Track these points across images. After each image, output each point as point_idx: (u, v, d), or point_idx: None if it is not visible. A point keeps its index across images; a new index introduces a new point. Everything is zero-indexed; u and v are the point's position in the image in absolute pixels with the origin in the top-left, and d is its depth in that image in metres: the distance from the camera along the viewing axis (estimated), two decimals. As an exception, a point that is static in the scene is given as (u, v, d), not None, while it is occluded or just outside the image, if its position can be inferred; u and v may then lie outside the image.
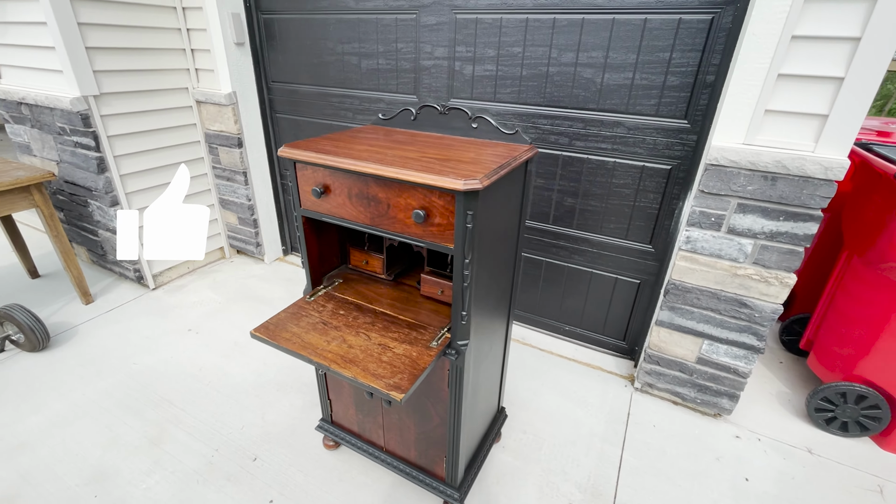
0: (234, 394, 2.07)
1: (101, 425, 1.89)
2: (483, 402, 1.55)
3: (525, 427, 1.95)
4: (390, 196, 1.10)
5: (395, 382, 1.05)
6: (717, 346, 1.86)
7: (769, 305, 1.69)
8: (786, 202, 1.54)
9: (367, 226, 1.17)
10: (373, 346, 1.17)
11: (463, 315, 1.14)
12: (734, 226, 1.65)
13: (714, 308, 1.80)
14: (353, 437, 1.67)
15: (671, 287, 1.86)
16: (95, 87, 2.30)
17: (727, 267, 1.71)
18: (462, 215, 1.01)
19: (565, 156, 2.10)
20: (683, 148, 1.85)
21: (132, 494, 1.62)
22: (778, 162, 1.49)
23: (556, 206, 2.22)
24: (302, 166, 1.21)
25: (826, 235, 2.40)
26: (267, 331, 1.22)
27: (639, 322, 2.25)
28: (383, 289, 1.45)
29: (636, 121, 1.90)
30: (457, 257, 1.07)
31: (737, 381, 1.88)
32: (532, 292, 2.48)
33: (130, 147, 2.52)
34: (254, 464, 1.74)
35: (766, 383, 2.25)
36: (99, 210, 2.61)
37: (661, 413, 2.04)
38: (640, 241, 2.10)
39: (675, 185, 1.92)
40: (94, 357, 2.27)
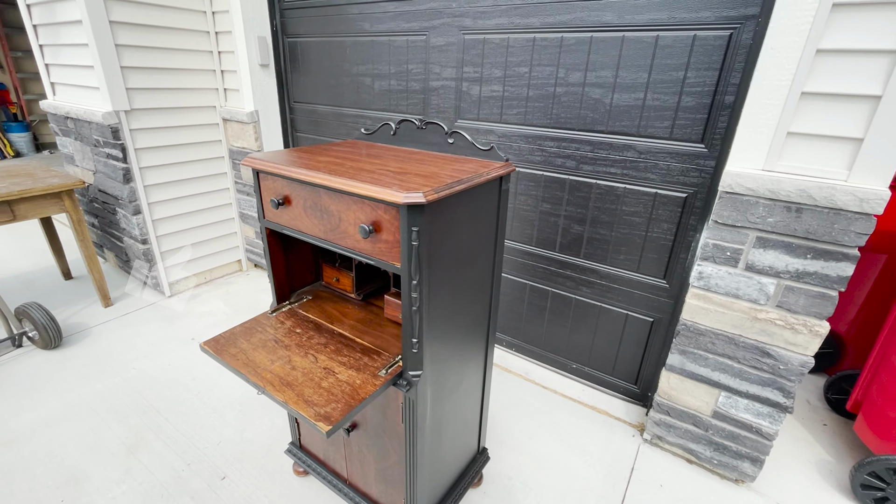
0: (219, 407, 2.04)
1: (87, 428, 1.90)
2: (453, 442, 1.41)
3: (512, 473, 1.77)
4: (341, 209, 1.03)
5: (326, 412, 0.95)
6: (735, 399, 1.62)
7: (797, 357, 1.45)
8: (814, 237, 1.33)
9: (320, 240, 1.11)
10: (316, 370, 1.09)
11: (413, 343, 1.04)
12: (753, 262, 1.45)
13: (731, 355, 1.58)
14: (318, 466, 1.58)
15: (682, 328, 1.65)
16: (127, 102, 2.45)
17: (746, 309, 1.50)
18: (406, 231, 0.92)
19: (572, 180, 1.98)
20: (700, 175, 1.68)
21: (97, 503, 1.59)
22: (802, 191, 1.29)
23: (563, 233, 2.08)
24: (265, 176, 1.18)
25: (884, 280, 2.09)
26: (216, 345, 1.17)
27: (652, 365, 2.02)
28: (350, 309, 1.37)
29: (648, 144, 1.75)
30: (403, 278, 0.97)
31: (760, 442, 1.62)
32: (537, 324, 2.32)
33: (156, 160, 2.65)
34: (221, 483, 1.68)
35: (805, 448, 1.93)
36: (124, 218, 2.74)
37: (671, 471, 1.79)
38: (652, 276, 1.91)
39: (691, 216, 1.74)
40: (98, 358, 2.33)
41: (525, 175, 2.09)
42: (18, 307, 2.30)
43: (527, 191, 2.11)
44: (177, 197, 2.81)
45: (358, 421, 1.33)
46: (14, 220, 2.30)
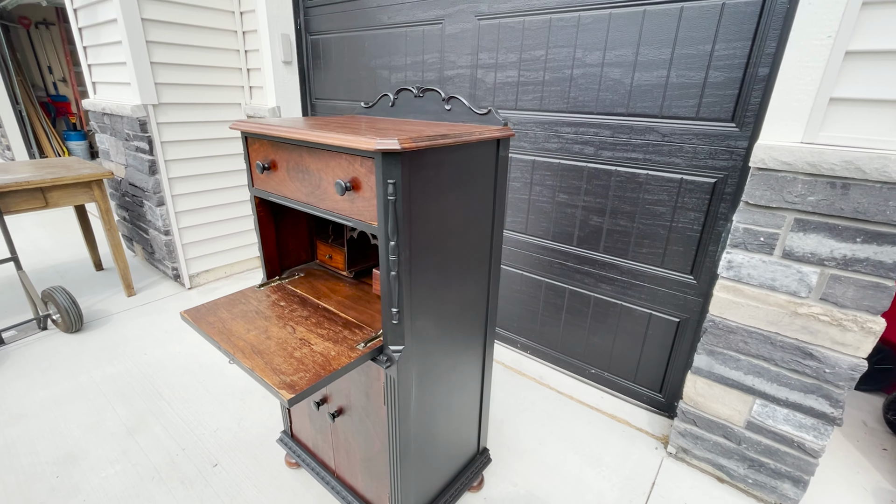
0: (221, 395, 2.01)
1: (93, 408, 1.91)
2: (446, 436, 1.30)
3: (517, 479, 1.62)
4: (321, 167, 0.97)
5: (292, 381, 0.88)
6: (773, 408, 1.42)
7: (846, 358, 1.26)
8: (864, 217, 1.16)
9: (303, 203, 1.05)
10: (292, 340, 1.02)
11: (394, 313, 0.95)
12: (792, 248, 1.28)
13: (767, 357, 1.39)
14: (308, 456, 1.50)
15: (710, 325, 1.48)
16: (155, 96, 2.54)
17: (784, 303, 1.32)
18: (382, 185, 0.85)
19: (591, 168, 1.85)
20: (731, 157, 1.53)
21: (89, 481, 1.57)
22: (848, 163, 1.13)
23: (581, 226, 1.94)
24: (252, 141, 1.15)
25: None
26: (196, 313, 1.12)
27: (679, 371, 1.83)
28: (341, 286, 1.30)
29: (672, 126, 1.62)
30: (380, 238, 0.90)
31: (803, 460, 1.41)
32: (553, 325, 2.17)
33: (180, 153, 2.73)
34: (213, 470, 1.63)
35: (860, 474, 1.68)
36: (150, 210, 2.83)
37: (698, 489, 1.59)
38: (678, 271, 1.74)
39: (721, 203, 1.58)
40: (115, 343, 2.37)
41: (541, 164, 1.99)
42: (45, 290, 2.38)
43: (542, 181, 2.00)
44: (200, 191, 2.88)
45: (344, 406, 1.24)
46: (46, 206, 2.41)
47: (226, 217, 3.05)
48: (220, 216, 3.02)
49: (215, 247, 3.06)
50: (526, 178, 2.05)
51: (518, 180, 2.08)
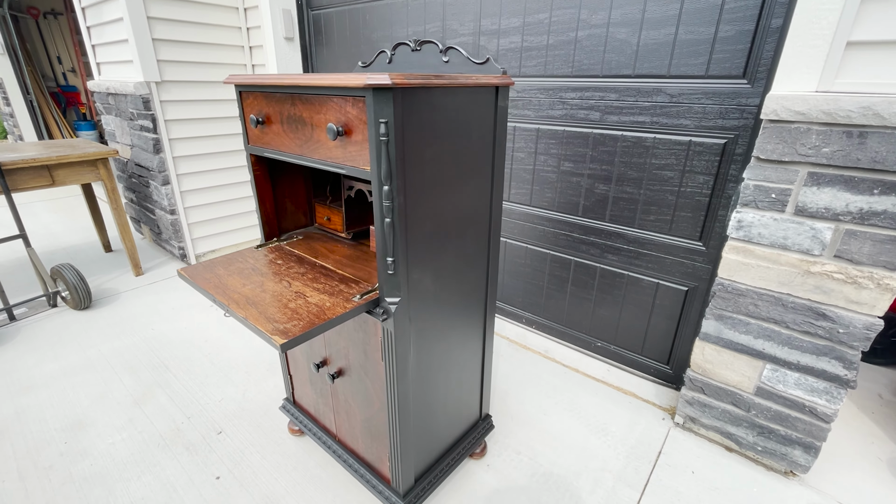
0: (225, 368, 2.02)
1: (100, 379, 1.94)
2: (446, 399, 1.28)
3: (521, 447, 1.61)
4: (312, 114, 0.95)
5: (286, 328, 0.86)
6: (783, 372, 1.38)
7: (860, 318, 1.21)
8: (882, 167, 1.10)
9: (297, 155, 1.03)
10: (287, 293, 1.00)
11: (389, 263, 0.93)
12: (805, 204, 1.23)
13: (778, 319, 1.35)
14: (310, 421, 1.49)
15: (718, 288, 1.44)
16: (158, 74, 2.53)
17: (796, 262, 1.28)
18: (374, 125, 0.82)
19: (596, 134, 1.81)
20: (741, 115, 1.47)
21: (96, 447, 1.59)
22: (866, 109, 1.07)
23: (586, 195, 1.90)
24: (246, 96, 1.13)
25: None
26: (193, 270, 1.12)
27: (687, 342, 1.80)
28: (339, 247, 1.29)
29: (680, 85, 1.56)
30: (374, 182, 0.87)
31: (815, 425, 1.37)
32: (558, 298, 2.14)
33: (184, 132, 2.73)
34: (217, 437, 1.64)
35: (875, 444, 1.64)
36: (156, 189, 2.84)
37: (705, 458, 1.56)
38: (687, 238, 1.70)
39: (731, 165, 1.53)
40: (123, 320, 2.40)
41: (545, 132, 1.94)
42: (53, 267, 2.41)
43: (547, 150, 1.96)
44: (204, 170, 2.88)
45: (343, 367, 1.23)
46: (53, 184, 2.42)
47: (231, 197, 3.06)
48: (226, 196, 3.03)
49: (221, 227, 3.07)
50: (530, 147, 2.01)
51: (522, 150, 2.04)
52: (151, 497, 1.41)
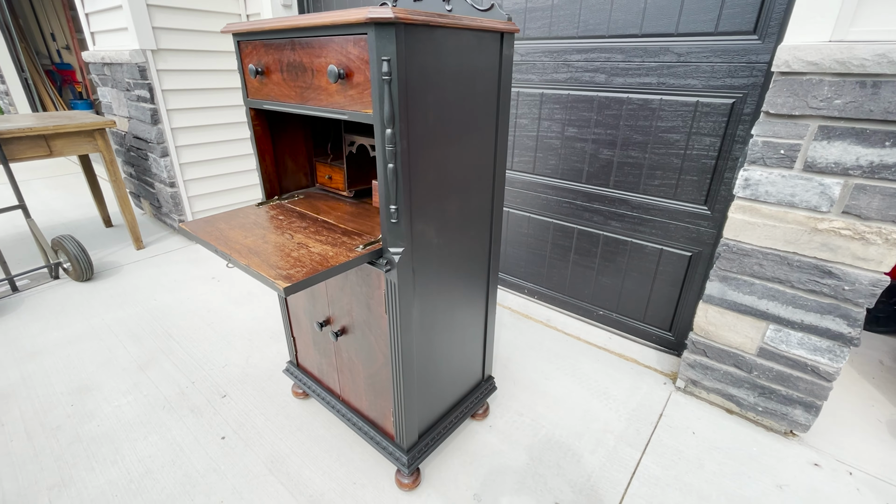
0: (229, 336, 2.03)
1: (105, 346, 1.95)
2: (449, 357, 1.28)
3: (523, 409, 1.62)
4: (313, 59, 0.93)
5: (289, 274, 0.85)
6: (786, 332, 1.38)
7: (866, 274, 1.20)
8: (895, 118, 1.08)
9: (297, 104, 1.01)
10: (290, 244, 0.99)
11: (392, 211, 0.92)
12: (814, 160, 1.21)
13: (783, 279, 1.34)
14: (313, 382, 1.50)
15: (723, 249, 1.43)
16: (153, 41, 2.48)
17: (803, 219, 1.26)
18: (377, 63, 0.80)
19: (602, 97, 1.77)
20: (751, 73, 1.44)
21: (102, 409, 1.61)
22: (881, 56, 1.05)
23: (591, 161, 1.88)
24: (245, 45, 1.10)
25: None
26: (194, 225, 1.10)
27: (690, 308, 1.79)
28: (341, 205, 1.27)
29: (689, 44, 1.52)
30: (376, 124, 0.85)
31: (816, 384, 1.37)
32: (561, 268, 2.13)
33: (182, 103, 2.69)
34: (221, 400, 1.65)
35: (875, 407, 1.65)
36: (154, 162, 2.81)
37: (706, 420, 1.58)
38: (692, 202, 1.68)
39: (738, 125, 1.50)
40: (125, 291, 2.40)
41: (549, 97, 1.91)
42: (54, 238, 2.40)
43: (551, 115, 1.93)
44: (203, 142, 2.85)
45: (346, 325, 1.23)
46: (50, 154, 2.40)
47: (232, 170, 3.03)
48: (226, 169, 3.00)
49: (222, 200, 3.05)
50: (534, 113, 1.98)
51: (525, 116, 2.01)
52: (158, 455, 1.42)
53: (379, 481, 1.33)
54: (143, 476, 1.35)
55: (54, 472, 1.36)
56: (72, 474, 1.36)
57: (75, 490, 1.31)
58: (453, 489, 1.31)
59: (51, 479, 1.34)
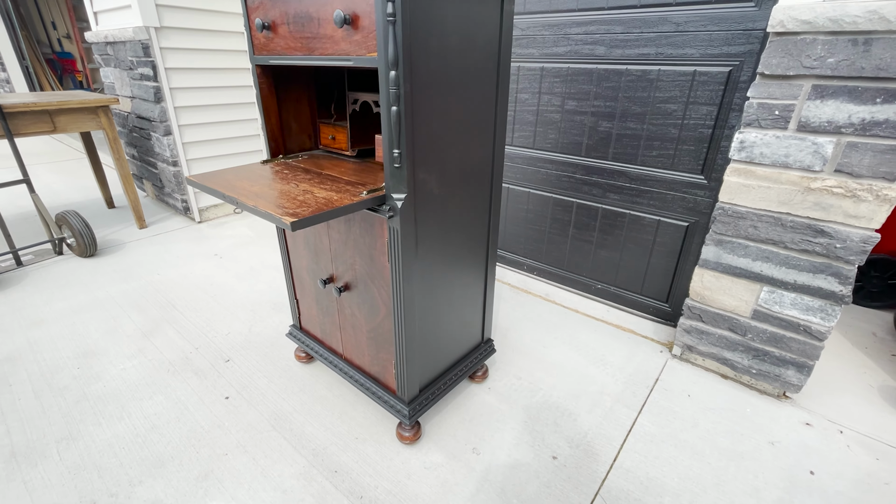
0: (232, 307, 2.06)
1: (109, 316, 1.97)
2: (449, 316, 1.31)
3: (521, 374, 1.65)
4: (319, 6, 0.95)
5: (295, 212, 0.88)
6: (780, 293, 1.41)
7: (858, 231, 1.23)
8: (886, 75, 1.11)
9: (304, 56, 1.04)
10: (296, 191, 1.02)
11: (395, 156, 0.95)
12: (808, 119, 1.24)
13: (777, 240, 1.37)
14: (316, 344, 1.53)
15: (719, 213, 1.46)
16: (157, 19, 2.50)
17: (797, 179, 1.29)
18: (381, 6, 0.82)
19: (601, 69, 1.80)
20: (748, 40, 1.46)
21: (108, 371, 1.63)
22: (872, 13, 1.07)
23: (590, 134, 1.90)
24: (252, 1, 1.12)
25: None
26: (201, 176, 1.13)
27: (686, 278, 1.82)
28: (345, 163, 1.30)
29: (687, 13, 1.55)
30: (381, 70, 0.88)
31: (809, 344, 1.40)
32: (560, 243, 2.16)
33: (185, 82, 2.70)
34: (225, 364, 1.68)
35: (867, 374, 1.68)
36: (157, 141, 2.83)
37: (701, 384, 1.61)
38: (689, 172, 1.71)
39: (735, 93, 1.52)
40: (128, 266, 2.43)
41: (549, 71, 1.93)
42: (58, 214, 2.43)
43: (551, 89, 1.95)
44: (207, 122, 2.87)
45: (349, 281, 1.26)
46: (55, 130, 2.42)
47: (236, 151, 3.05)
48: (230, 150, 3.02)
49: (223, 181, 3.07)
50: (534, 87, 2.00)
51: (526, 91, 2.03)
52: (163, 413, 1.45)
53: (380, 436, 1.36)
54: (149, 431, 1.38)
55: (62, 426, 1.39)
56: (79, 429, 1.38)
57: (83, 443, 1.34)
58: (452, 443, 1.34)
59: (59, 432, 1.37)
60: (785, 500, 1.19)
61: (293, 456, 1.30)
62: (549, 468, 1.27)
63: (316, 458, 1.29)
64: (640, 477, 1.25)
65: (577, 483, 1.23)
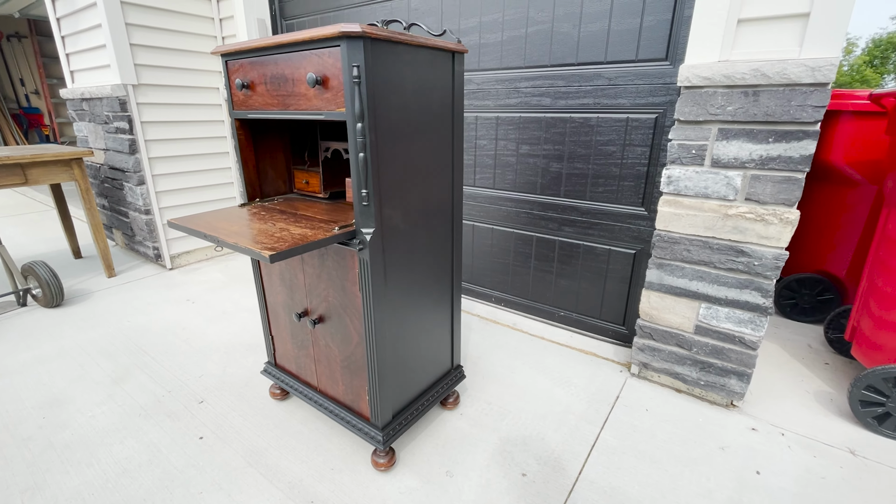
0: (205, 350, 2.07)
1: (76, 364, 1.95)
2: (418, 342, 1.40)
3: (491, 399, 1.73)
4: (293, 70, 1.10)
5: (273, 246, 0.98)
6: (715, 309, 1.57)
7: (770, 251, 1.42)
8: (773, 119, 1.34)
9: (280, 111, 1.17)
10: (272, 229, 1.12)
11: (363, 195, 1.07)
12: (718, 156, 1.45)
13: (707, 261, 1.55)
14: (291, 379, 1.57)
15: (657, 239, 1.64)
16: (135, 77, 2.63)
17: (716, 207, 1.49)
18: (348, 69, 0.98)
19: (548, 117, 2.02)
20: (668, 92, 1.71)
21: (76, 420, 1.61)
22: (756, 70, 1.31)
23: (543, 174, 2.10)
24: (232, 64, 1.26)
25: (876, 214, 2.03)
26: (182, 220, 1.22)
27: (637, 301, 1.98)
28: (318, 205, 1.41)
29: (616, 69, 1.80)
30: (349, 123, 1.02)
31: (745, 354, 1.55)
32: (523, 274, 2.31)
33: (160, 134, 2.81)
34: (199, 406, 1.69)
35: (804, 381, 1.84)
36: (130, 191, 2.88)
37: (658, 399, 1.73)
38: (631, 205, 1.90)
39: (662, 136, 1.75)
40: (95, 314, 2.40)
41: (504, 119, 2.15)
42: (25, 264, 2.41)
43: (506, 135, 2.16)
44: (180, 171, 2.95)
45: (323, 313, 1.34)
46: (26, 182, 2.45)
47: (206, 199, 3.12)
48: (201, 198, 3.10)
49: (196, 228, 3.11)
50: (491, 134, 2.21)
51: (484, 137, 2.24)
52: (135, 457, 1.44)
53: (356, 465, 1.40)
54: (119, 475, 1.37)
55: (27, 476, 1.36)
56: (45, 478, 1.36)
57: (49, 492, 1.31)
58: (426, 468, 1.39)
59: (24, 482, 1.34)
60: (734, 499, 1.29)
61: (269, 490, 1.31)
62: (519, 485, 1.33)
63: (292, 490, 1.31)
64: (604, 487, 1.33)
65: (546, 497, 1.29)
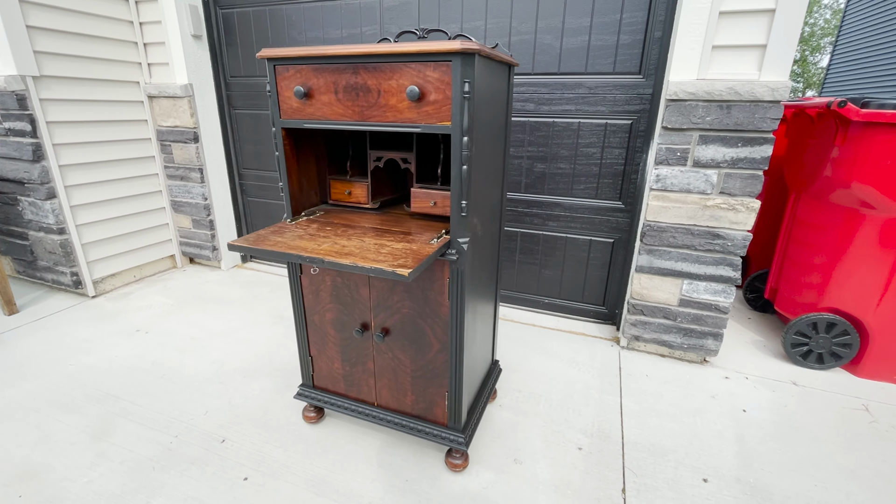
0: (193, 384, 1.83)
1: (29, 425, 1.58)
2: (480, 341, 1.46)
3: (519, 387, 1.85)
4: (381, 81, 1.07)
5: (400, 264, 0.96)
6: (696, 284, 1.90)
7: (739, 233, 1.77)
8: (741, 128, 1.66)
9: (355, 122, 1.13)
10: (369, 245, 1.09)
11: (462, 206, 1.10)
12: (699, 158, 1.75)
13: (689, 244, 1.86)
14: (338, 398, 1.51)
15: (647, 229, 1.91)
16: (35, 67, 2.15)
17: (697, 200, 1.79)
18: (459, 84, 0.99)
19: (532, 122, 2.18)
20: (641, 101, 1.98)
21: (69, 490, 1.33)
22: (731, 89, 1.62)
23: (527, 174, 2.26)
24: (282, 69, 1.16)
25: (769, 197, 2.60)
26: (247, 241, 1.10)
27: (616, 283, 2.27)
28: (369, 215, 1.37)
29: (596, 80, 2.02)
30: (454, 136, 1.04)
31: (719, 318, 1.91)
32: (509, 268, 2.46)
33: (72, 137, 2.34)
34: (221, 445, 1.51)
35: (741, 335, 2.31)
36: (31, 207, 2.35)
37: (650, 365, 2.02)
38: (610, 199, 2.17)
39: (637, 139, 2.03)
40: (18, 362, 1.95)
41: (488, 122, 2.25)
42: None
43: (491, 137, 2.27)
44: (98, 181, 2.49)
45: (390, 325, 1.32)
46: None
47: (130, 212, 2.68)
48: (125, 210, 2.65)
49: (121, 246, 2.66)
50: (475, 136, 2.29)
51: (468, 139, 2.31)
52: (174, 515, 1.26)
53: (428, 471, 1.41)
54: (167, 539, 1.19)
55: (41, 569, 1.11)
56: (68, 564, 1.12)
57: (82, 579, 1.09)
58: (494, 460, 1.47)
59: (42, 576, 1.09)
60: (740, 434, 1.61)
61: (353, 514, 1.27)
62: (580, 458, 1.48)
63: (378, 509, 1.28)
64: (646, 445, 1.55)
65: (607, 464, 1.46)
